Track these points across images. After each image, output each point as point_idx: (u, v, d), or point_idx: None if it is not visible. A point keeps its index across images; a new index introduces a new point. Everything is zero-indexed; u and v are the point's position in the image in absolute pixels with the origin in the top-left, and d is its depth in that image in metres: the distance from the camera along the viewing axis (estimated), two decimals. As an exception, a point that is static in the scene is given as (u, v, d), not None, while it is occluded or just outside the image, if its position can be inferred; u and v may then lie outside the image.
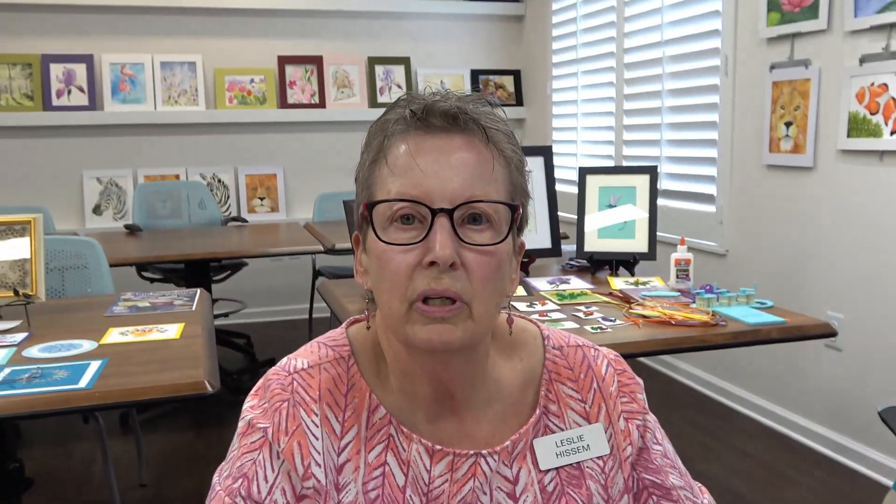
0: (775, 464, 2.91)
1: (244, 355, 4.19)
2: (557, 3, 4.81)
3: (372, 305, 0.83)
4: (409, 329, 0.75)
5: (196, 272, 3.64)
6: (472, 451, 0.82)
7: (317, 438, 0.79)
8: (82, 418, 3.10)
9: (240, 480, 0.78)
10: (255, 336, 4.38)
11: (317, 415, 0.80)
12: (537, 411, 0.86)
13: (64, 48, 4.62)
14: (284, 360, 0.84)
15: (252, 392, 0.83)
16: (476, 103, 0.79)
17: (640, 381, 0.91)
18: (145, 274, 3.98)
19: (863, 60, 2.66)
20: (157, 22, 4.75)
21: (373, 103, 5.03)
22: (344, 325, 0.88)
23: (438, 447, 0.82)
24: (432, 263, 0.73)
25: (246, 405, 0.82)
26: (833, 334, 1.91)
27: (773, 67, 3.08)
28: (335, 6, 4.93)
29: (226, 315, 4.39)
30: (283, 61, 4.94)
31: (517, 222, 0.80)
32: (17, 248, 2.06)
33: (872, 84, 2.63)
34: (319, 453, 0.79)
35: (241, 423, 0.82)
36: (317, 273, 4.12)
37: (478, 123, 0.77)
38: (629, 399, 0.90)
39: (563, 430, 0.87)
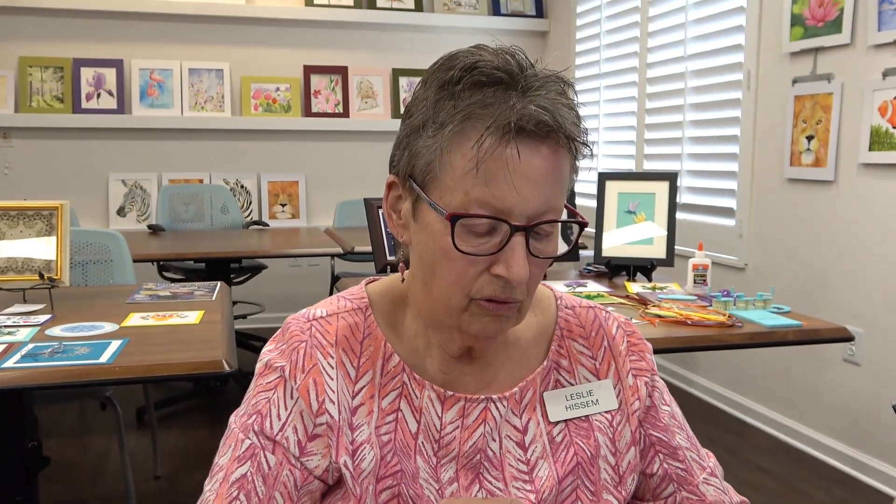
0: (791, 479, 2.88)
1: (261, 358, 4.21)
2: (581, 19, 4.85)
3: (406, 251, 0.85)
4: (466, 320, 0.79)
5: (216, 273, 3.68)
6: (482, 396, 0.85)
7: (332, 378, 0.82)
8: (100, 406, 3.13)
9: (254, 417, 0.81)
10: (272, 340, 4.41)
11: (332, 357, 0.83)
12: (545, 362, 0.89)
13: (95, 53, 4.71)
14: (304, 309, 0.87)
15: (271, 339, 0.86)
16: (563, 106, 0.76)
17: (649, 343, 0.93)
18: (166, 274, 4.03)
19: (886, 74, 2.67)
20: (186, 29, 4.84)
21: (395, 114, 5.08)
22: (363, 282, 0.91)
23: (450, 393, 0.84)
24: (501, 275, 0.75)
25: (264, 349, 0.85)
26: (850, 338, 1.90)
27: (795, 82, 3.09)
28: (361, 18, 5.00)
29: (244, 317, 4.42)
30: (309, 71, 5.00)
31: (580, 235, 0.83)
32: (44, 233, 2.10)
33: (895, 98, 2.63)
34: (334, 392, 0.81)
35: (258, 365, 0.84)
36: (335, 278, 4.15)
37: (569, 139, 0.76)
38: (638, 357, 0.92)
39: (573, 384, 0.89)
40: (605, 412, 0.88)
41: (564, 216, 0.80)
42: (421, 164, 0.76)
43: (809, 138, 3.02)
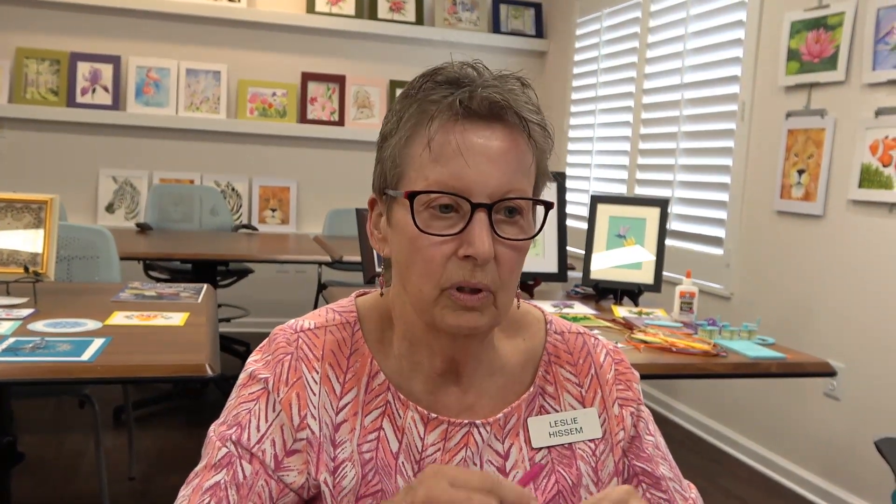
0: (767, 510, 2.89)
1: (242, 362, 4.19)
2: (580, 42, 4.88)
3: (387, 273, 0.85)
4: (439, 313, 0.77)
5: (203, 274, 3.66)
6: (466, 421, 0.84)
7: (315, 394, 0.81)
8: (78, 403, 3.10)
9: (233, 428, 0.80)
10: (255, 345, 4.31)
11: (318, 372, 0.82)
12: (531, 389, 0.88)
13: (93, 48, 4.70)
14: (292, 320, 0.86)
15: (257, 348, 0.85)
16: (517, 94, 0.78)
17: (637, 373, 0.93)
18: (152, 273, 4.00)
19: (878, 113, 2.70)
20: (186, 29, 4.84)
21: (387, 123, 5.08)
22: (353, 295, 0.90)
23: (433, 416, 0.83)
24: (468, 256, 0.75)
25: (249, 359, 0.84)
26: (832, 373, 1.91)
27: (789, 115, 3.12)
28: (361, 28, 5.01)
29: (228, 320, 4.40)
30: (307, 77, 5.01)
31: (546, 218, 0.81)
32: (31, 226, 2.09)
33: (887, 137, 2.66)
34: (316, 407, 0.81)
35: (242, 375, 0.83)
36: (322, 286, 4.13)
37: (521, 118, 0.77)
38: (625, 387, 0.91)
39: (558, 411, 0.88)
40: (589, 441, 0.88)
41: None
42: (388, 167, 0.80)
43: (800, 172, 3.05)
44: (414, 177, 0.77)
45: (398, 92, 0.83)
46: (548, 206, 0.80)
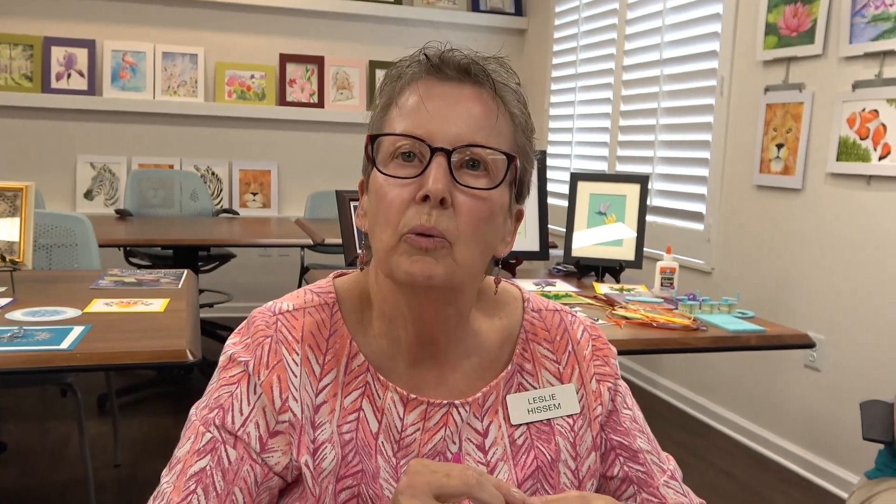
0: (752, 483, 2.92)
1: (226, 347, 4.18)
2: (560, 19, 4.86)
3: (368, 252, 0.85)
4: (395, 261, 0.77)
5: (184, 260, 3.64)
6: (445, 401, 0.84)
7: (295, 376, 0.81)
8: (60, 392, 3.08)
9: (216, 411, 0.80)
10: (238, 329, 4.36)
11: (298, 354, 0.82)
12: (510, 367, 0.88)
13: (67, 32, 4.63)
14: (271, 302, 0.86)
15: (235, 330, 0.85)
16: (489, 61, 0.81)
17: (614, 348, 0.94)
18: (133, 260, 3.98)
19: (855, 86, 2.71)
20: (161, 12, 4.77)
21: (371, 106, 5.06)
22: (331, 276, 0.90)
23: (413, 396, 0.83)
24: (425, 199, 0.76)
25: (228, 342, 0.84)
26: (811, 345, 1.93)
27: (767, 90, 3.12)
28: (339, 8, 4.96)
29: (210, 306, 4.38)
30: (285, 59, 4.96)
31: (515, 174, 0.81)
32: (7, 215, 2.06)
33: (863, 110, 2.67)
34: (297, 389, 0.81)
35: (222, 358, 0.83)
36: (304, 269, 4.12)
37: (487, 76, 0.79)
38: (602, 362, 0.92)
39: (536, 388, 0.89)
40: (567, 416, 0.88)
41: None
42: (371, 136, 0.82)
43: (779, 146, 3.06)
44: (387, 133, 0.80)
45: (378, 72, 0.85)
46: (510, 157, 0.80)
